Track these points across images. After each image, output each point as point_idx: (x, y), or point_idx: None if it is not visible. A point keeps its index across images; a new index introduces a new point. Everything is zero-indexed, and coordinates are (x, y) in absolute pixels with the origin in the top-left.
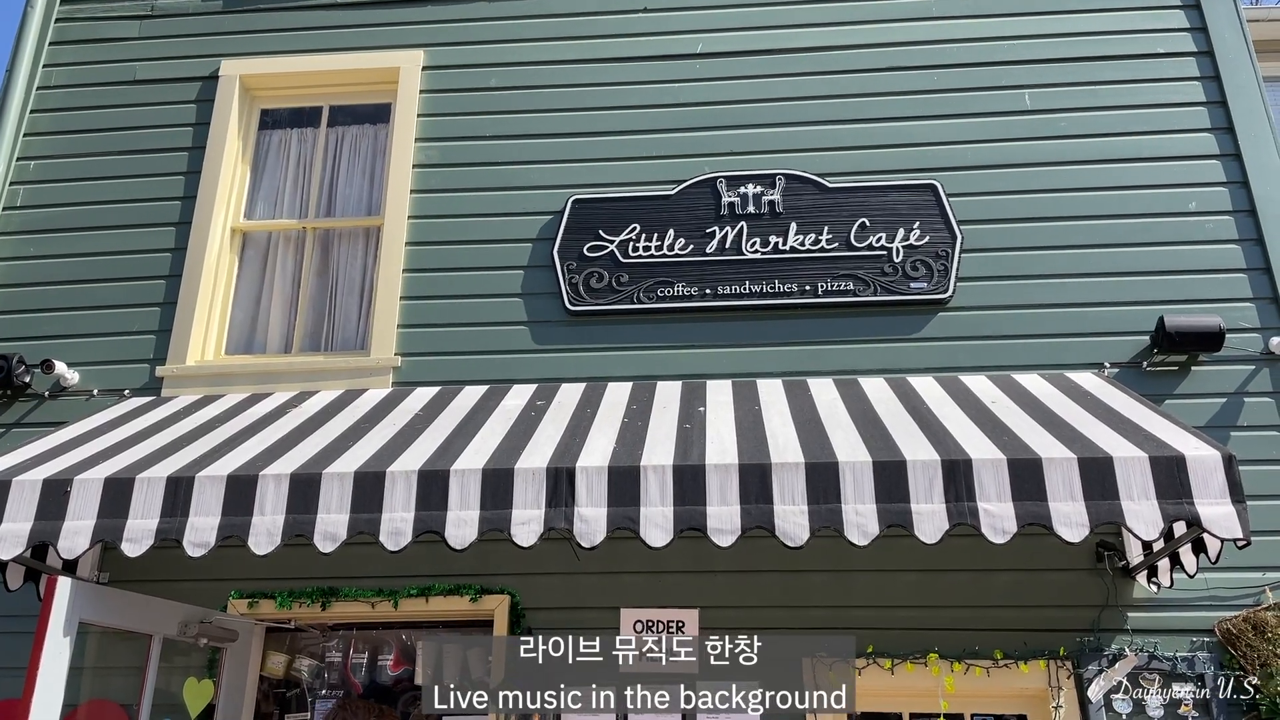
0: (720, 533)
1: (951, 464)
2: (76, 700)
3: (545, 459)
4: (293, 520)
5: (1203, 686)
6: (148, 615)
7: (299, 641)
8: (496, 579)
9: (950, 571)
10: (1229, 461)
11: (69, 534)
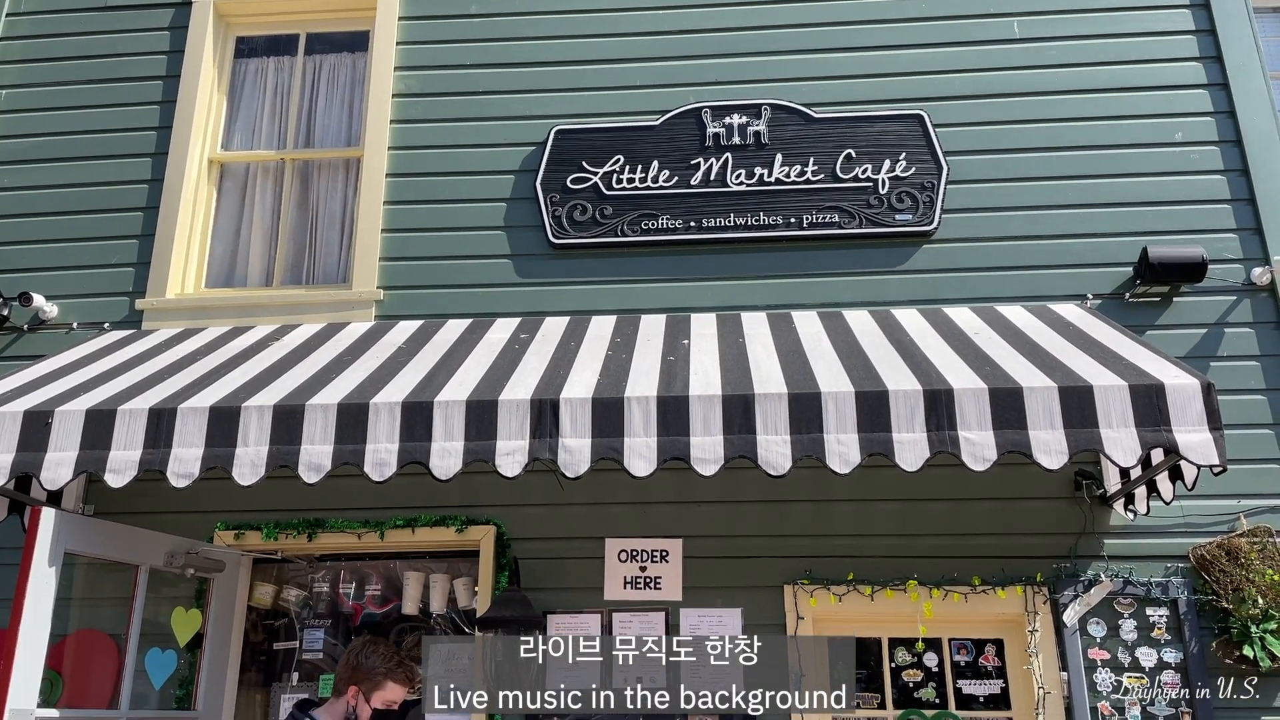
0: (703, 462)
1: (933, 394)
2: (65, 630)
3: (529, 391)
4: (276, 451)
5: (1176, 611)
6: (133, 546)
7: (286, 572)
8: (482, 510)
9: (930, 501)
10: (1207, 390)
11: (51, 465)
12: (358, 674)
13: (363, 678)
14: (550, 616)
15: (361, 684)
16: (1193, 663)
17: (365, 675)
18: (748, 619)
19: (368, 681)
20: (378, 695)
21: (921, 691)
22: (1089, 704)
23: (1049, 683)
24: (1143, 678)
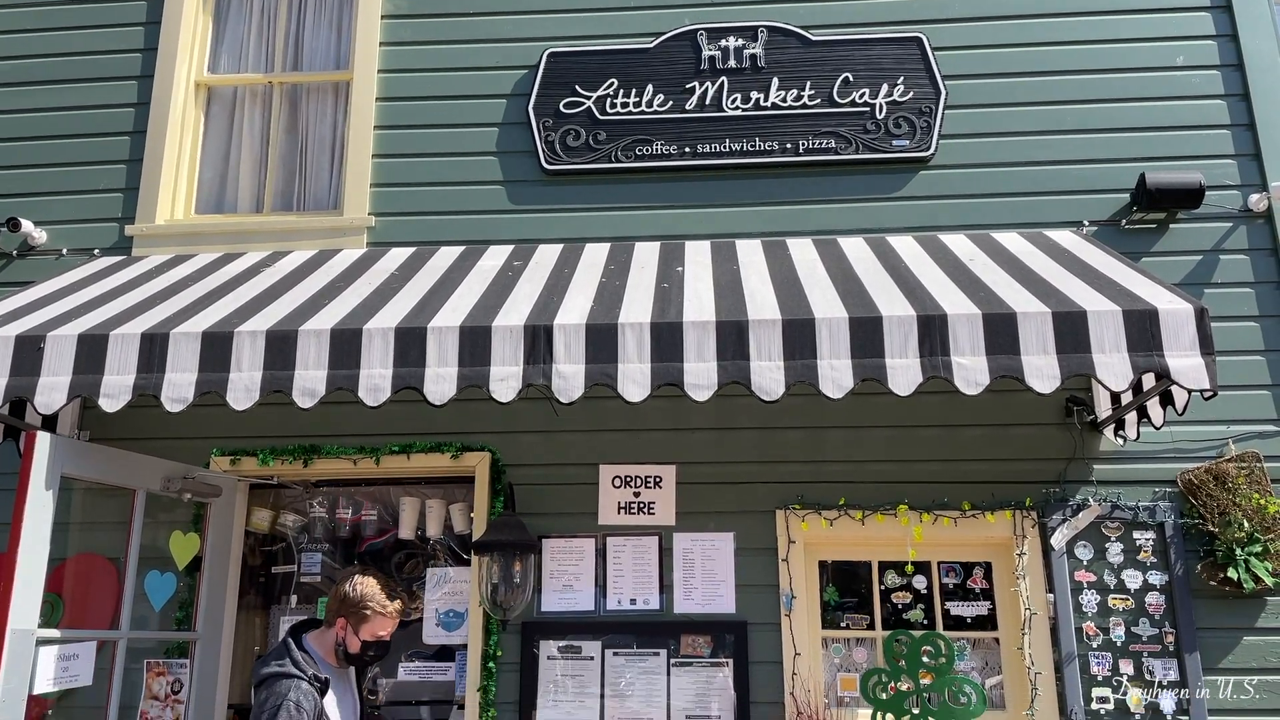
0: (697, 388)
1: (927, 319)
2: (64, 554)
3: (523, 317)
4: (270, 376)
5: (1162, 534)
6: (130, 470)
7: (283, 498)
8: (477, 437)
9: (922, 427)
10: (1201, 315)
11: (45, 389)
12: (345, 607)
13: (350, 611)
14: (545, 541)
15: (349, 617)
16: (1177, 585)
17: (352, 609)
18: (740, 543)
19: (355, 615)
20: (365, 629)
21: (910, 613)
22: (1074, 624)
23: (1035, 604)
24: (1128, 599)
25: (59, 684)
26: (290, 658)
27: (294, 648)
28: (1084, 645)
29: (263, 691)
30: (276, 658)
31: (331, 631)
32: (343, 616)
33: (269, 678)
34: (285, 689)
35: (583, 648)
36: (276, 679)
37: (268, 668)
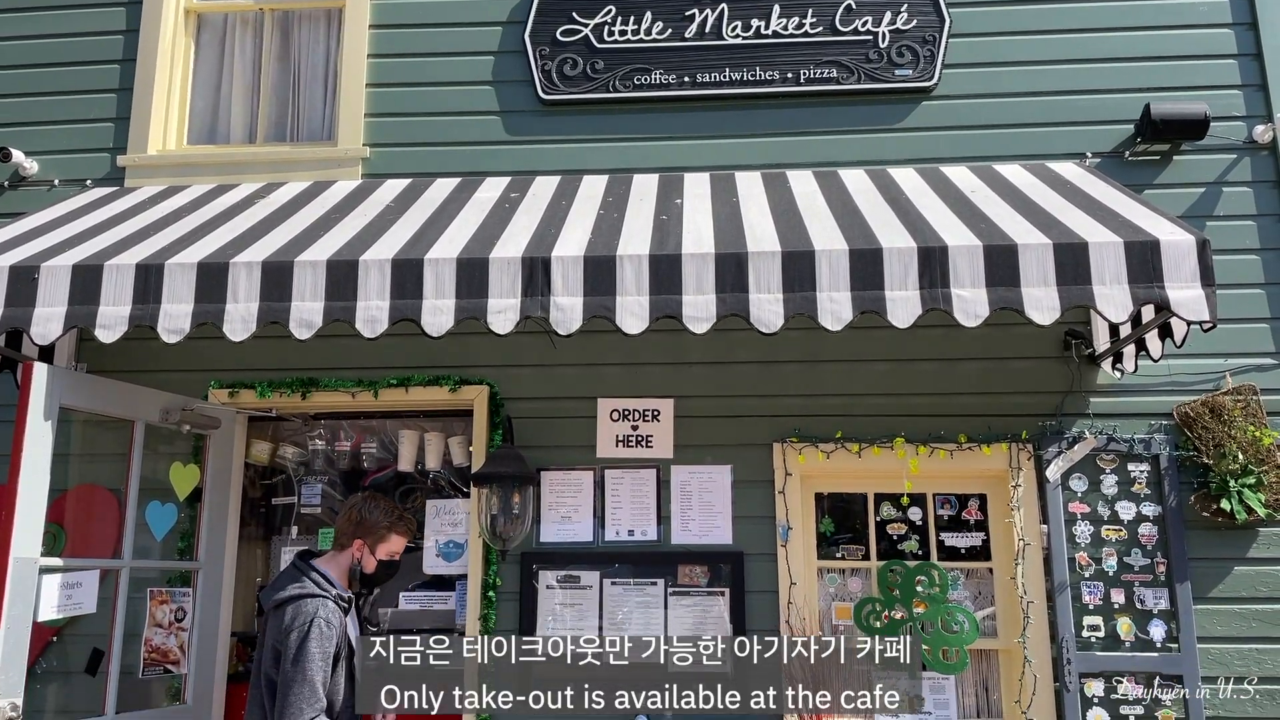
0: (695, 320)
1: (927, 251)
2: (65, 485)
3: (520, 249)
4: (267, 308)
5: (1157, 466)
6: (128, 401)
7: (282, 431)
8: (475, 370)
9: (920, 361)
10: (1202, 246)
11: (40, 320)
12: (362, 528)
13: (367, 531)
14: (544, 473)
15: (366, 538)
16: (1170, 516)
17: (370, 529)
18: (737, 475)
19: (372, 535)
20: (382, 547)
21: (905, 544)
22: (1067, 555)
23: (1029, 535)
24: (1120, 530)
25: (63, 611)
26: (310, 579)
27: (310, 570)
28: (1076, 575)
29: (285, 613)
30: (293, 581)
31: (346, 554)
32: (359, 538)
33: (292, 599)
34: (313, 608)
35: (581, 577)
36: (301, 599)
37: (286, 591)
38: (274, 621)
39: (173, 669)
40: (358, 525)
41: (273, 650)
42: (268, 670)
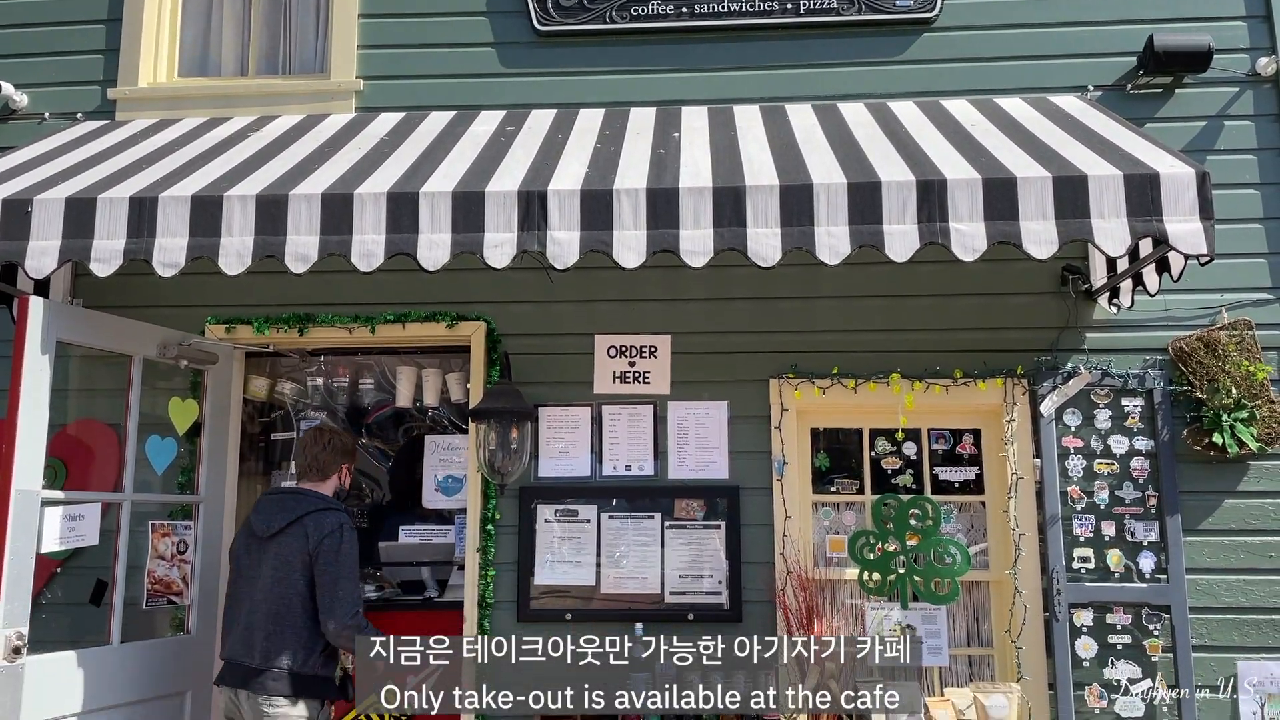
0: (693, 255)
1: (926, 185)
2: (64, 420)
3: (516, 182)
4: (262, 241)
5: (1150, 401)
6: (125, 336)
7: (280, 367)
8: (472, 306)
9: (916, 297)
10: (1202, 179)
11: (35, 254)
12: (344, 454)
13: (347, 455)
14: (541, 409)
15: (348, 460)
16: (1163, 450)
17: (350, 452)
18: (733, 411)
19: (351, 457)
20: (352, 467)
21: (899, 478)
22: (1059, 488)
23: (1022, 469)
24: (1113, 464)
25: (65, 543)
26: (319, 496)
27: (310, 493)
28: (1068, 508)
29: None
30: (298, 503)
31: (332, 480)
32: (344, 463)
33: (310, 513)
34: (337, 518)
35: (579, 511)
36: (322, 512)
37: (300, 509)
38: (290, 540)
39: (176, 600)
40: (340, 452)
41: (301, 562)
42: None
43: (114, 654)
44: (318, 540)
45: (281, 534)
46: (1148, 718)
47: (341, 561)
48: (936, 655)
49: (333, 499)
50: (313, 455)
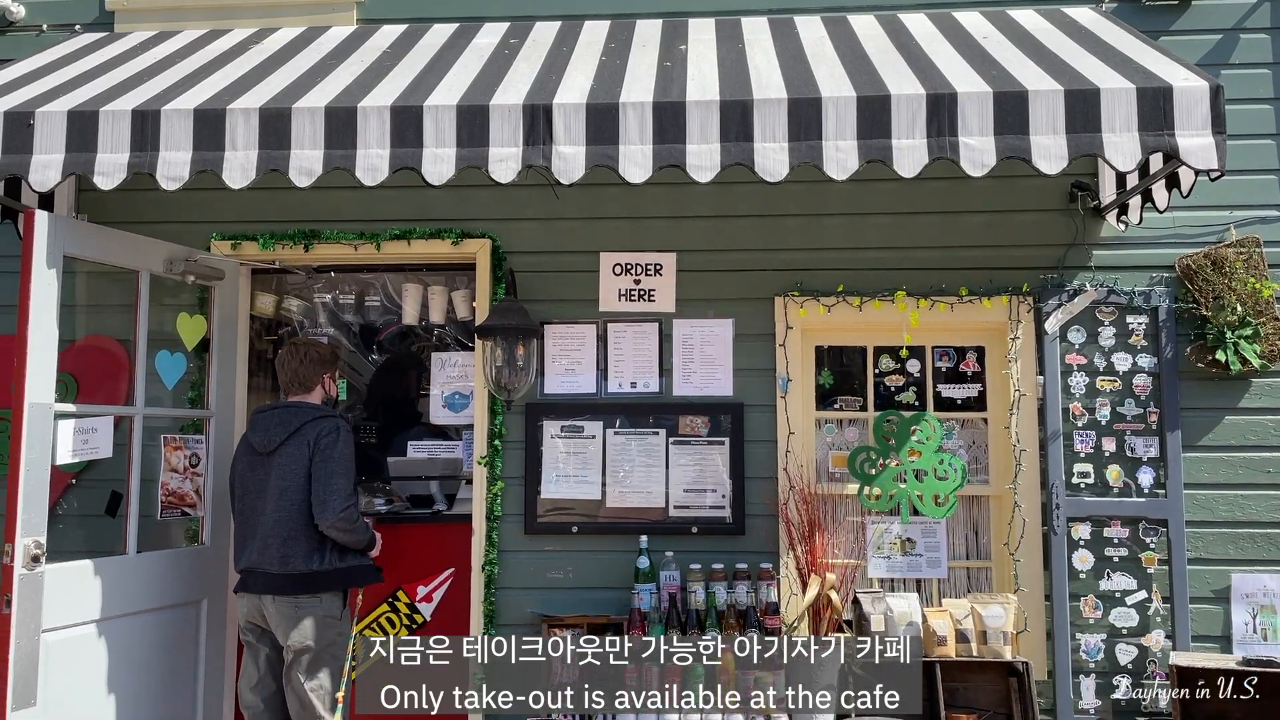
0: (699, 169)
1: (936, 98)
2: (73, 337)
3: (521, 96)
4: (266, 155)
5: (1155, 319)
6: (131, 251)
7: (286, 284)
8: (477, 224)
9: (923, 214)
10: (1215, 93)
11: (39, 167)
12: (323, 364)
13: (327, 365)
14: (547, 327)
15: (329, 369)
16: (1166, 367)
17: (329, 362)
18: (738, 329)
19: (332, 366)
20: (331, 377)
21: (902, 395)
22: (1061, 405)
23: (1025, 386)
24: (1115, 381)
25: (80, 455)
26: (312, 406)
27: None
28: (1069, 424)
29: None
30: (294, 415)
31: (318, 390)
32: (325, 372)
33: (309, 422)
34: (333, 422)
35: (585, 427)
36: (319, 419)
37: (296, 420)
38: (292, 450)
39: (190, 512)
40: (319, 362)
41: (305, 471)
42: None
43: (130, 563)
44: (314, 443)
45: (283, 447)
46: (1141, 628)
47: (335, 459)
48: (935, 568)
49: (325, 407)
50: (293, 370)
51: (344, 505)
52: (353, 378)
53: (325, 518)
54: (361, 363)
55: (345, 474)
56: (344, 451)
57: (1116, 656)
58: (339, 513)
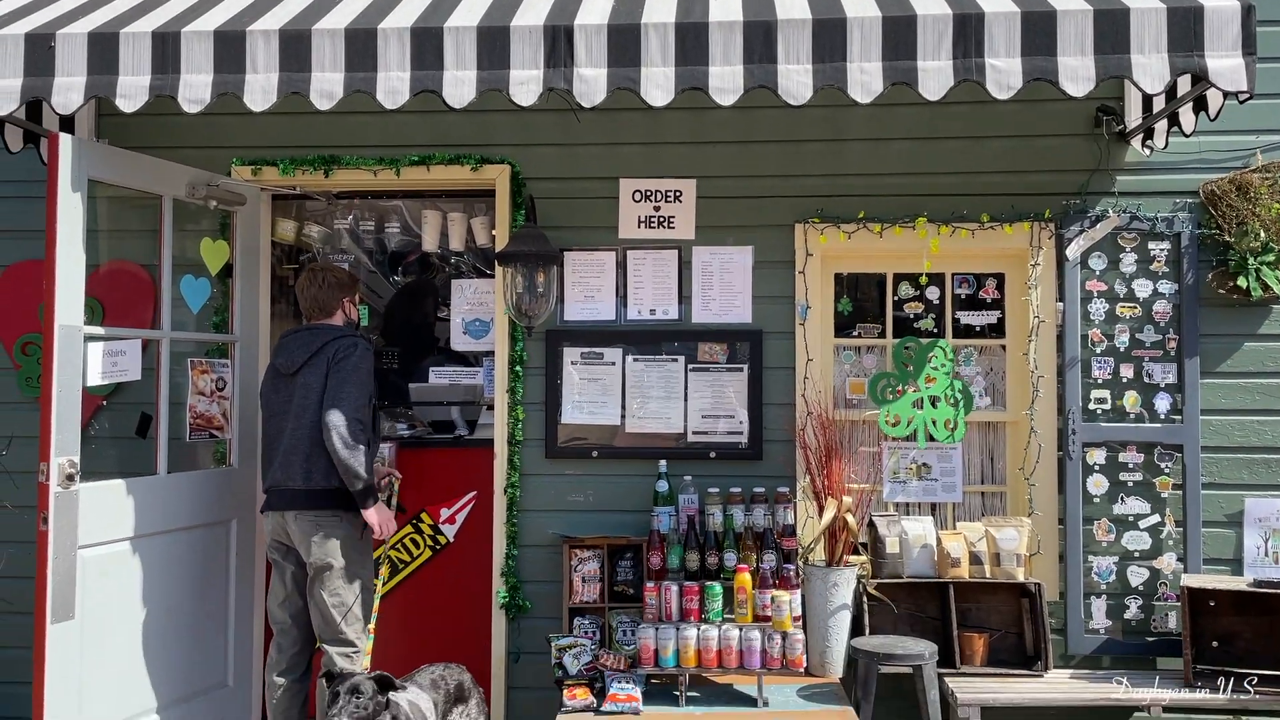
0: (722, 92)
1: (963, 18)
2: (96, 262)
3: (542, 17)
4: (287, 78)
5: (1177, 245)
6: (155, 174)
7: (306, 210)
8: (496, 149)
9: (946, 139)
10: (1247, 12)
11: (61, 89)
12: (342, 287)
13: (346, 289)
14: (566, 254)
15: (348, 294)
16: (1186, 293)
17: (348, 286)
18: (758, 256)
19: (351, 290)
20: (356, 299)
21: (921, 322)
22: (1080, 331)
23: (1044, 313)
24: (1135, 307)
25: (109, 378)
26: (333, 327)
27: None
28: (1088, 351)
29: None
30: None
31: (338, 314)
32: (344, 296)
33: (329, 341)
34: (352, 340)
35: (605, 354)
36: (338, 339)
37: (316, 341)
38: (314, 370)
39: (217, 434)
40: (337, 286)
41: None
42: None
43: (161, 483)
44: (331, 359)
45: (304, 367)
46: (1153, 551)
47: (347, 369)
48: (951, 492)
49: (347, 328)
50: (312, 296)
51: (349, 416)
52: (374, 303)
53: (328, 421)
54: (384, 288)
55: (357, 385)
56: (358, 365)
57: (1128, 578)
58: (341, 422)
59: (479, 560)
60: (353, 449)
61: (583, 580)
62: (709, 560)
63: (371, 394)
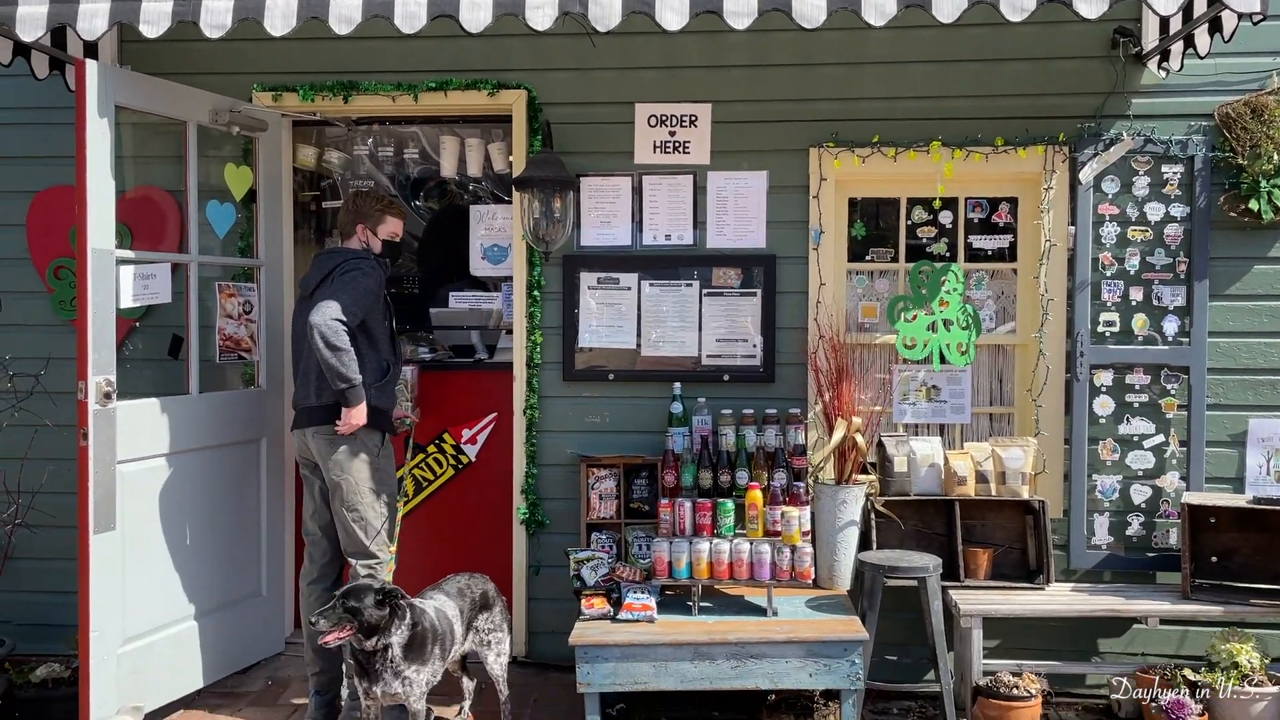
0: (736, 15)
1: None
2: (124, 187)
3: None
4: (306, 3)
5: (1190, 168)
6: (179, 100)
7: (326, 137)
8: (512, 75)
9: (961, 62)
10: None
11: (86, 15)
12: (359, 214)
13: (364, 216)
14: (583, 179)
15: (365, 221)
16: (1198, 216)
17: (366, 214)
18: (772, 181)
19: (370, 219)
20: (382, 229)
21: (934, 246)
22: (1091, 255)
23: (1056, 236)
24: (1147, 231)
25: (140, 300)
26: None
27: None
28: (1098, 274)
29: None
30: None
31: (354, 239)
32: (360, 223)
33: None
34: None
35: (620, 279)
36: (348, 259)
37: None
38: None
39: (246, 356)
40: (355, 213)
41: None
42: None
43: (194, 402)
44: (338, 275)
45: (318, 288)
46: (1157, 470)
47: (347, 282)
48: (960, 414)
49: (362, 251)
50: (339, 219)
51: (332, 316)
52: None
53: (310, 321)
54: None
55: (350, 294)
56: (359, 280)
57: (1131, 496)
58: (321, 320)
59: (500, 478)
60: (335, 350)
61: (600, 498)
62: (721, 478)
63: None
